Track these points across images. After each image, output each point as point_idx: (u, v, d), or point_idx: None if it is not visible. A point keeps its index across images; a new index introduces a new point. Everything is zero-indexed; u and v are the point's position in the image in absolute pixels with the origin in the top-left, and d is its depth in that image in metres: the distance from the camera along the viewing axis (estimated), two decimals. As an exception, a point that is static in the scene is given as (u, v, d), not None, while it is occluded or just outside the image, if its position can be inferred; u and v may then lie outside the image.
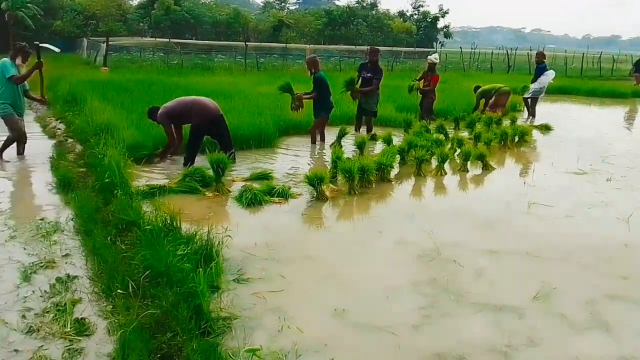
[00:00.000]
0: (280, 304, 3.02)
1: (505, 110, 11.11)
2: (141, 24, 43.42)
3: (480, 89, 11.23)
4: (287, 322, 2.82)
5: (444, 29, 58.76)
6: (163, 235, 3.65)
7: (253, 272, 3.44)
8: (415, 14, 58.10)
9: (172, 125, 6.37)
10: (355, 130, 8.86)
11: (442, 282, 3.42)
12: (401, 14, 58.45)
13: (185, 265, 3.21)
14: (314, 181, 5.13)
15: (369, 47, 11.99)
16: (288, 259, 3.72)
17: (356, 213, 5.05)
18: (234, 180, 5.69)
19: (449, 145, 7.42)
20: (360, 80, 8.63)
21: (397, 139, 7.76)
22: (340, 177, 5.57)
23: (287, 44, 34.85)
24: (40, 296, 3.05)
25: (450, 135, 8.27)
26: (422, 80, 10.31)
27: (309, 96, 7.82)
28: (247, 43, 27.09)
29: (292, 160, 7.03)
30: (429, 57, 10.61)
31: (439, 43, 56.78)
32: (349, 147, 7.33)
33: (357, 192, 5.40)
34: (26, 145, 6.57)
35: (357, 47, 34.56)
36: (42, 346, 2.56)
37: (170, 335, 2.55)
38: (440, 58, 13.48)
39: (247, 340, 2.62)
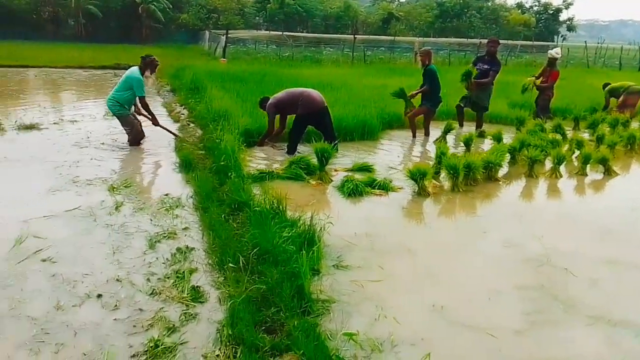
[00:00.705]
0: (378, 294, 3.07)
1: (635, 111, 10.00)
2: (257, 18, 45.54)
3: (608, 87, 10.23)
4: (384, 311, 2.86)
5: (567, 22, 54.06)
6: (270, 217, 3.87)
7: (352, 260, 3.53)
8: (535, 6, 54.08)
9: (279, 114, 6.67)
10: (459, 125, 8.55)
11: (550, 289, 3.23)
12: (519, 5, 54.70)
13: (289, 247, 3.38)
14: (416, 176, 5.08)
15: (482, 39, 11.46)
16: (387, 250, 3.75)
17: (459, 211, 4.92)
18: (336, 170, 5.82)
19: (567, 147, 6.89)
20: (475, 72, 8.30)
21: (508, 137, 7.37)
22: (444, 173, 5.45)
23: (395, 37, 34.33)
24: (163, 263, 3.41)
25: (568, 136, 7.67)
26: (540, 77, 9.64)
27: (419, 90, 7.69)
28: (355, 36, 27.19)
29: (394, 153, 7.00)
30: (549, 51, 9.87)
31: (561, 37, 52.37)
32: (454, 144, 7.12)
33: (461, 190, 5.25)
34: (155, 129, 7.22)
35: (468, 40, 33.02)
36: (162, 308, 2.86)
37: (274, 310, 2.72)
38: (561, 53, 12.44)
39: (344, 324, 2.71)
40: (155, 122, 6.95)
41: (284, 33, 28.53)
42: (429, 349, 2.53)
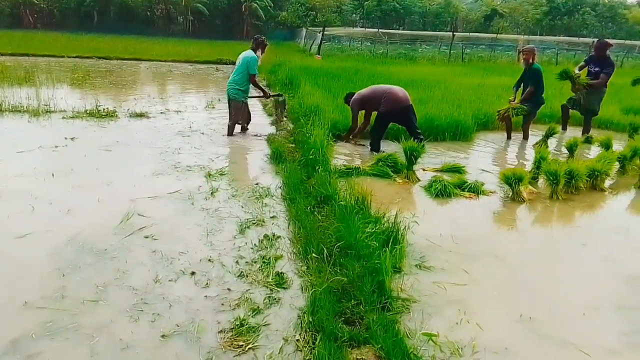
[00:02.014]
0: (462, 298, 2.98)
1: None
2: (354, 15, 45.79)
3: None
4: (467, 316, 2.77)
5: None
6: (355, 212, 3.90)
7: (435, 262, 3.45)
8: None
9: (363, 110, 6.66)
10: (562, 128, 7.96)
11: (657, 312, 2.93)
12: (641, 2, 49.65)
13: (372, 242, 3.39)
14: (511, 180, 4.83)
15: (595, 39, 10.57)
16: (474, 255, 3.61)
17: (556, 220, 4.60)
18: (424, 170, 5.71)
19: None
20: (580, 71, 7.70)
21: (618, 145, 6.74)
22: (543, 179, 5.13)
23: (498, 35, 32.76)
24: (251, 248, 3.57)
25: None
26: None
27: (525, 94, 7.23)
28: (454, 33, 26.32)
29: (488, 155, 6.71)
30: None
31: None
32: (556, 148, 6.65)
33: (560, 198, 4.90)
34: (251, 121, 7.58)
35: (579, 38, 30.60)
36: (248, 290, 3.00)
37: (354, 303, 2.75)
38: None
39: (424, 325, 2.66)
40: (266, 95, 7.61)
41: (380, 30, 28.39)
42: (513, 359, 2.42)
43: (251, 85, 7.21)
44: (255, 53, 7.16)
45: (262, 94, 7.60)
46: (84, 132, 6.90)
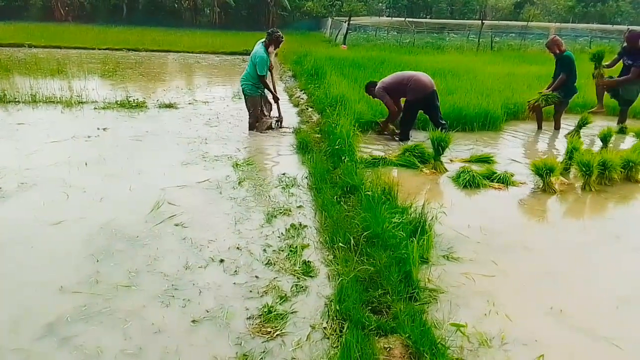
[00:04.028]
0: (490, 289, 2.95)
1: None
2: (380, 4, 45.26)
3: None
4: (495, 307, 2.74)
5: None
6: (381, 202, 3.88)
7: (463, 253, 3.41)
8: None
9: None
10: (618, 123, 7.62)
11: (695, 307, 2.84)
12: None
13: (399, 232, 3.37)
14: (542, 171, 4.72)
15: (630, 26, 10.15)
16: (503, 246, 3.56)
17: (589, 212, 4.49)
18: (452, 161, 5.63)
19: None
20: (614, 65, 7.45)
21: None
22: (575, 170, 5.00)
23: (529, 23, 31.89)
24: (278, 237, 3.61)
25: None
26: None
27: (556, 83, 7.03)
28: (483, 21, 25.77)
29: (517, 146, 6.57)
30: None
31: None
32: (589, 139, 6.47)
33: (593, 190, 4.77)
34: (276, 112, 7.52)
35: (613, 26, 29.55)
36: (276, 277, 3.04)
37: (381, 292, 2.75)
38: None
39: (452, 315, 2.65)
40: (275, 98, 7.02)
41: (406, 19, 28.01)
42: (543, 351, 2.38)
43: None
44: (268, 49, 6.74)
45: (272, 94, 7.01)
46: (115, 122, 7.06)
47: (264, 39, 6.81)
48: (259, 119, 6.96)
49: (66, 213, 3.85)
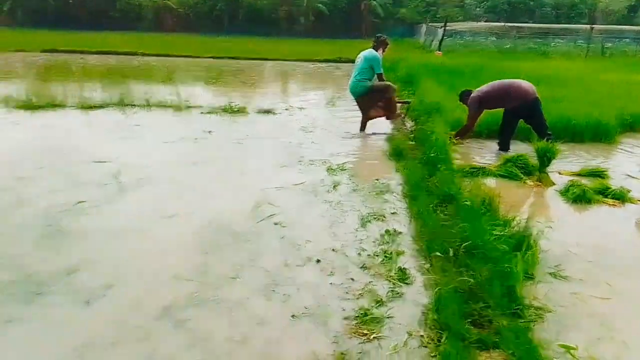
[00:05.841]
0: (605, 312, 2.73)
1: None
2: (477, 9, 43.68)
3: None
4: (610, 332, 2.53)
5: None
6: (481, 213, 3.75)
7: (573, 272, 3.19)
8: None
9: (482, 110, 6.30)
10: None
11: None
12: None
13: (501, 245, 3.23)
14: (666, 188, 4.28)
15: None
16: (618, 266, 3.28)
17: None
18: (560, 173, 5.29)
19: None
20: None
21: None
22: None
23: (646, 26, 29.05)
24: (373, 241, 3.62)
25: None
26: None
27: None
28: (592, 26, 23.90)
29: (635, 160, 6.00)
30: None
31: None
32: None
33: None
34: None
35: None
36: (371, 282, 3.05)
37: (482, 305, 2.65)
38: None
39: (560, 336, 2.49)
40: (391, 89, 7.33)
41: (506, 24, 26.76)
42: (668, 387, 2.16)
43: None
44: (377, 52, 7.16)
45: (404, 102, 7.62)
46: (219, 126, 7.51)
47: (370, 47, 7.24)
48: (372, 117, 7.33)
49: (178, 208, 4.16)
